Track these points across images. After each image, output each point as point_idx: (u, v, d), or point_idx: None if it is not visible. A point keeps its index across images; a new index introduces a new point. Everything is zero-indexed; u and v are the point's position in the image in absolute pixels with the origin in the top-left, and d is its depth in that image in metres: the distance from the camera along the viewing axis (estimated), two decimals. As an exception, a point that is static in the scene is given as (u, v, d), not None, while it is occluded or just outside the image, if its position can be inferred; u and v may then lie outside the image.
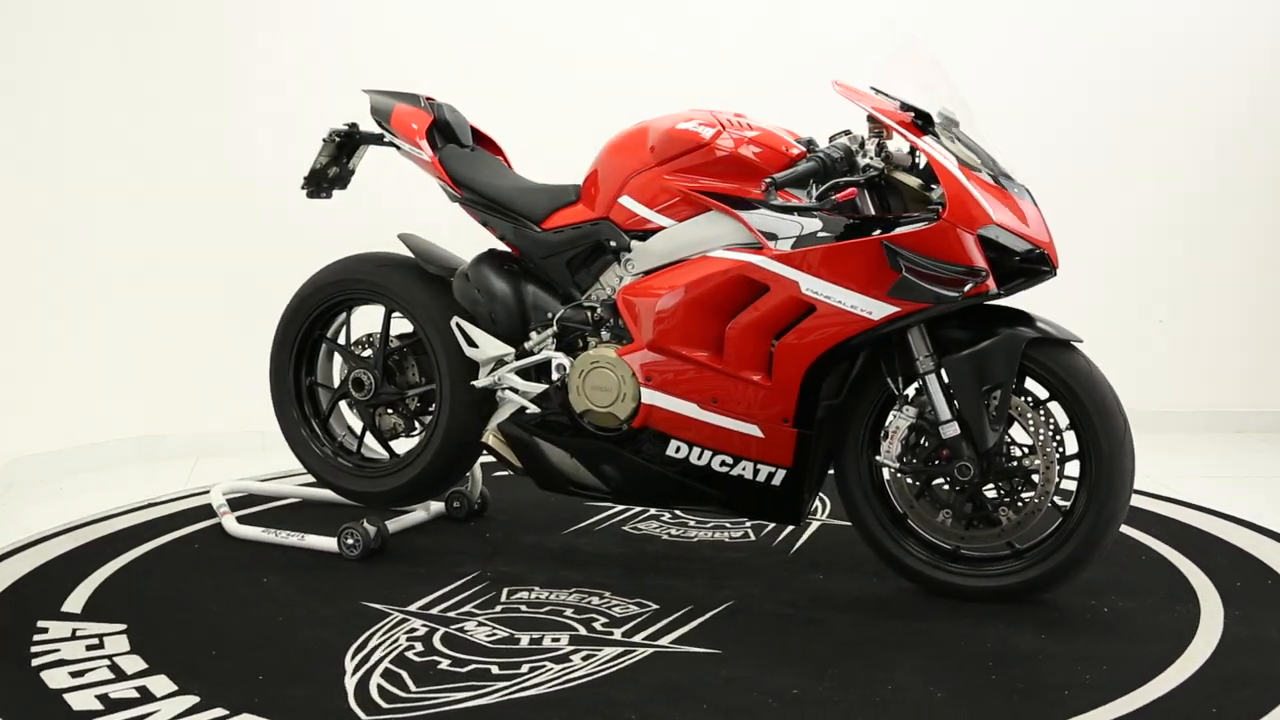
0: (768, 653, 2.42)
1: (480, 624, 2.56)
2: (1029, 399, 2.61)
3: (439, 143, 3.05)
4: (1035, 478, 2.57)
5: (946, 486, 2.62)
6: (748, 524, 3.25)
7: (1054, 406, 2.61)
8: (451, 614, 2.62)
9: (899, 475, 2.64)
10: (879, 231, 2.51)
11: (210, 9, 4.25)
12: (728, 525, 3.25)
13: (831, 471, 2.78)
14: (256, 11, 4.28)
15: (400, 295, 3.04)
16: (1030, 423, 2.57)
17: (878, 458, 2.66)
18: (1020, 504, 2.58)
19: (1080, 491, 2.56)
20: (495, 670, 2.32)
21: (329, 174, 3.18)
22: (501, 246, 3.05)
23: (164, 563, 3.01)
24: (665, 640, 2.48)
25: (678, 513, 3.36)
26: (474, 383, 2.93)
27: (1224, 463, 4.11)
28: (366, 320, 3.29)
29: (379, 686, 2.25)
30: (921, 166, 2.60)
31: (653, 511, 3.37)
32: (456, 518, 3.31)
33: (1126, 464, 2.52)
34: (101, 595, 2.75)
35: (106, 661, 2.38)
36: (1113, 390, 2.57)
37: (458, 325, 2.95)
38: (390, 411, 3.15)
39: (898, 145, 2.60)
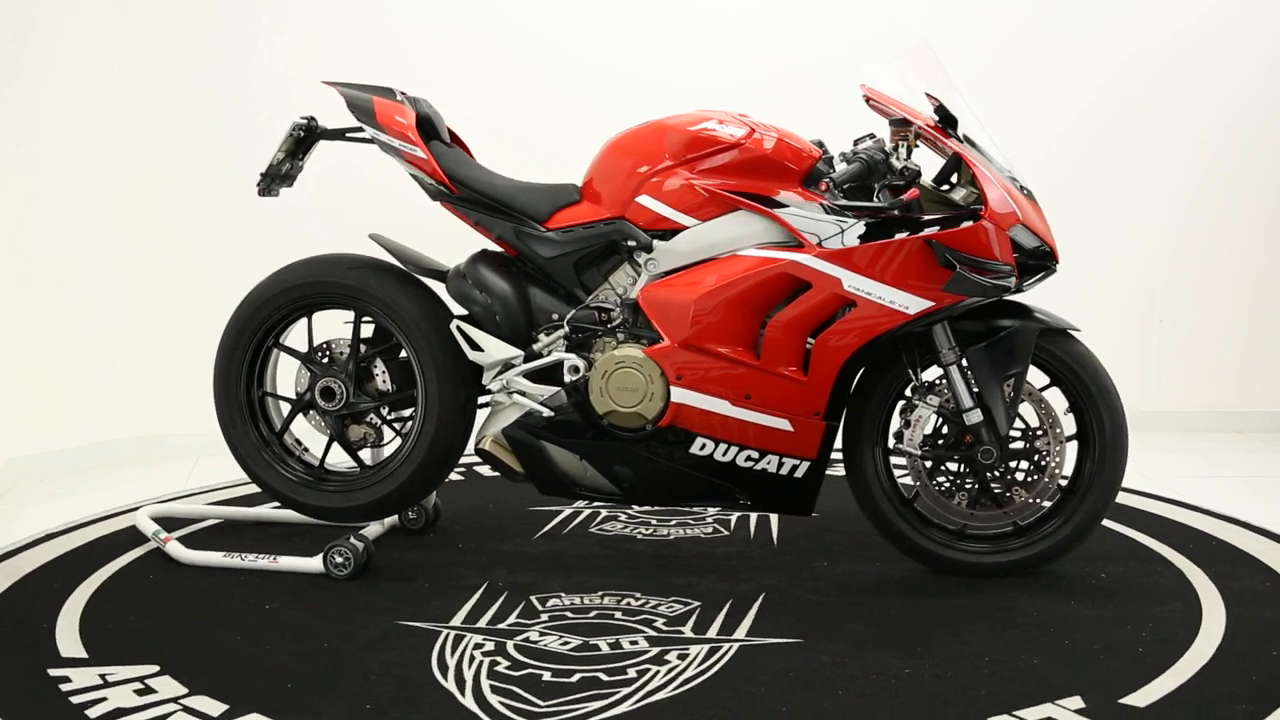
0: (845, 638, 2.48)
1: (542, 633, 2.49)
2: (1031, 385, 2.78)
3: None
4: (1046, 458, 2.75)
5: (960, 470, 2.78)
6: (710, 518, 3.30)
7: (1049, 391, 2.82)
8: (503, 626, 2.54)
9: (917, 462, 2.76)
10: (906, 231, 2.62)
11: (212, 14, 4.24)
12: (691, 522, 3.28)
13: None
14: (259, 15, 4.28)
15: (380, 299, 2.88)
16: (1040, 407, 2.76)
17: (901, 445, 2.77)
18: (1033, 483, 2.76)
19: (1084, 469, 2.77)
20: (604, 678, 2.27)
21: (282, 170, 3.01)
22: (493, 247, 2.98)
23: (134, 594, 2.76)
24: (739, 634, 2.50)
25: (632, 511, 3.37)
26: (489, 386, 2.86)
27: (1224, 462, 4.12)
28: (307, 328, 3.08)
29: (504, 704, 2.17)
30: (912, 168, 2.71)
31: (606, 512, 3.37)
32: (412, 529, 3.19)
33: (1125, 441, 2.76)
34: (92, 635, 2.51)
35: (176, 706, 2.19)
36: (1109, 374, 2.80)
37: (459, 328, 2.85)
38: (359, 421, 2.99)
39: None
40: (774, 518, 3.29)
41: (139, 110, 4.19)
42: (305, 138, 2.99)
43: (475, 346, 2.85)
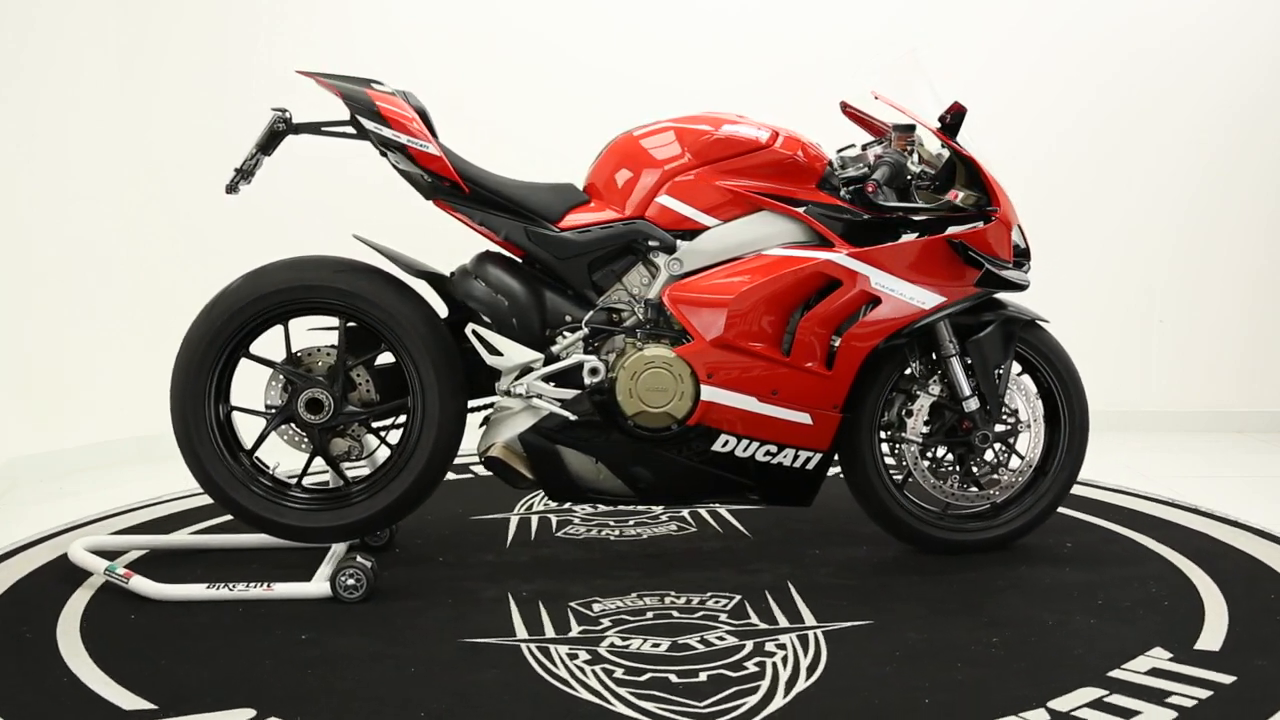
0: (910, 615, 2.56)
1: (622, 637, 2.44)
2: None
3: None
4: (1026, 441, 2.96)
5: (955, 454, 2.93)
6: (666, 516, 3.33)
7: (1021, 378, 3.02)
8: (574, 634, 2.46)
9: (913, 449, 2.88)
10: (914, 231, 2.80)
11: (212, 14, 4.24)
12: (648, 521, 3.29)
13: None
14: (259, 15, 4.28)
15: (376, 303, 2.73)
16: (1023, 393, 2.95)
17: (904, 435, 2.88)
18: (1014, 463, 2.96)
19: (1055, 449, 2.99)
20: (730, 674, 2.25)
21: (250, 165, 2.81)
22: (489, 247, 2.89)
23: (130, 630, 2.50)
24: (809, 621, 2.53)
25: (585, 514, 3.36)
26: (511, 389, 2.77)
27: (1224, 462, 4.12)
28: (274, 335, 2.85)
29: (663, 710, 2.10)
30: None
31: (556, 518, 3.32)
32: (374, 545, 2.99)
33: (1088, 423, 2.99)
34: (130, 679, 2.25)
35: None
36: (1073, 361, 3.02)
37: (474, 332, 2.76)
38: (341, 434, 2.81)
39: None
40: (725, 510, 3.37)
41: (139, 110, 4.19)
42: (282, 131, 2.81)
43: (493, 350, 2.77)
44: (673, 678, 2.24)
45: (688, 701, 2.13)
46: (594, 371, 2.76)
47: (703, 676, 2.25)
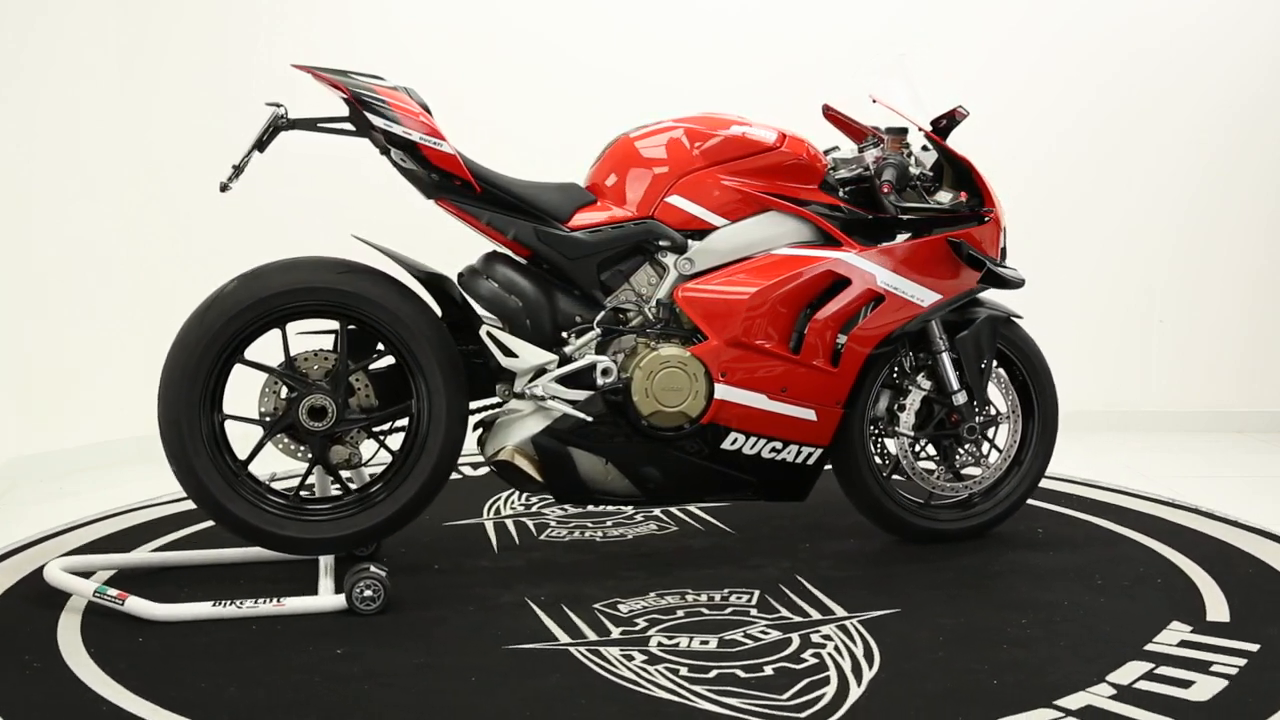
0: (931, 602, 2.61)
1: (667, 636, 2.43)
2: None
3: None
4: (1005, 433, 3.06)
5: (945, 447, 3.01)
6: (641, 516, 3.33)
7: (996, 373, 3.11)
8: (617, 635, 2.44)
9: (904, 442, 2.94)
10: (909, 231, 2.87)
11: (212, 14, 4.24)
12: (625, 521, 3.29)
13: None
14: (259, 15, 4.27)
15: (380, 305, 2.65)
16: (1002, 387, 3.05)
17: (897, 429, 2.94)
18: (997, 455, 3.05)
19: (1028, 440, 3.09)
20: (794, 667, 2.26)
21: (245, 161, 2.71)
22: (494, 248, 2.86)
23: (145, 648, 2.38)
24: (839, 612, 2.56)
25: (561, 515, 3.34)
26: (527, 391, 2.74)
27: (1224, 462, 4.12)
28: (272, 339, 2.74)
29: (746, 705, 2.09)
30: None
31: (532, 522, 3.28)
32: (362, 554, 2.85)
33: (1058, 416, 3.11)
34: (177, 702, 2.12)
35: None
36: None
37: (489, 334, 2.71)
38: (340, 441, 2.73)
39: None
40: (698, 509, 3.38)
41: (139, 110, 4.19)
42: (282, 127, 2.70)
43: (508, 353, 2.73)
44: (740, 673, 2.25)
45: (768, 695, 2.14)
46: (606, 372, 2.75)
47: (768, 670, 2.26)
